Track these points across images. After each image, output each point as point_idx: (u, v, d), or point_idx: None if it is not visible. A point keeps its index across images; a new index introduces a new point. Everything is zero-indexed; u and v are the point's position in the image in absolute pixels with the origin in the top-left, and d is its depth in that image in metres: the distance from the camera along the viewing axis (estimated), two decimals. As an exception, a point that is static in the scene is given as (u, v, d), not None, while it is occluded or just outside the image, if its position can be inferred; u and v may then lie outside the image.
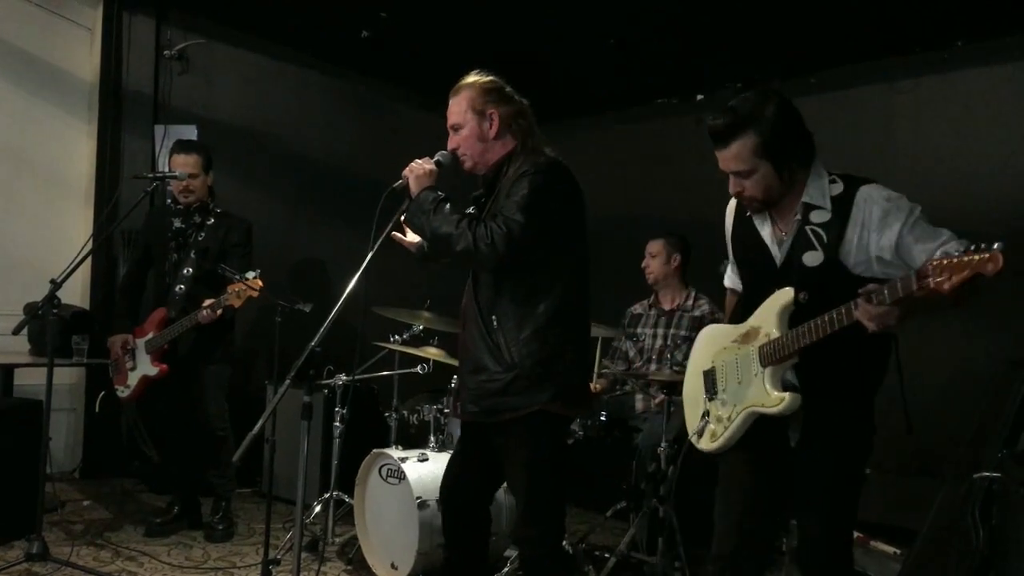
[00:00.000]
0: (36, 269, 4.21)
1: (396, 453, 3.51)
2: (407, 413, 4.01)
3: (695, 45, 4.65)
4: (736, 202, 2.30)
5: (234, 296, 3.54)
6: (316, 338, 2.28)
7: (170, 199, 4.09)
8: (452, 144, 2.56)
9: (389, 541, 3.50)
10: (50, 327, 3.41)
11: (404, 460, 3.45)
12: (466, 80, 2.56)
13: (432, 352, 3.90)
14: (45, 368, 3.39)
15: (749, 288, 2.32)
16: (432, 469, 3.43)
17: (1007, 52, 4.14)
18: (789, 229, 2.15)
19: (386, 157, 3.97)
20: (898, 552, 3.15)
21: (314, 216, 5.63)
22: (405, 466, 3.41)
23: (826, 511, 2.13)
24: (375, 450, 3.60)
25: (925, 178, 4.23)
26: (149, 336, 3.86)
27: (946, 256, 1.66)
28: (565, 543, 3.41)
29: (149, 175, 4.03)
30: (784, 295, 2.11)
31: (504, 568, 3.37)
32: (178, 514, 4.03)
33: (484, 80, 2.54)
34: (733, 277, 2.47)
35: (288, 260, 5.36)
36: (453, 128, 2.55)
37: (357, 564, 3.66)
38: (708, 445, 2.28)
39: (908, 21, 4.10)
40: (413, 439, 4.02)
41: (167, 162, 4.06)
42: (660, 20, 4.40)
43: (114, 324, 4.11)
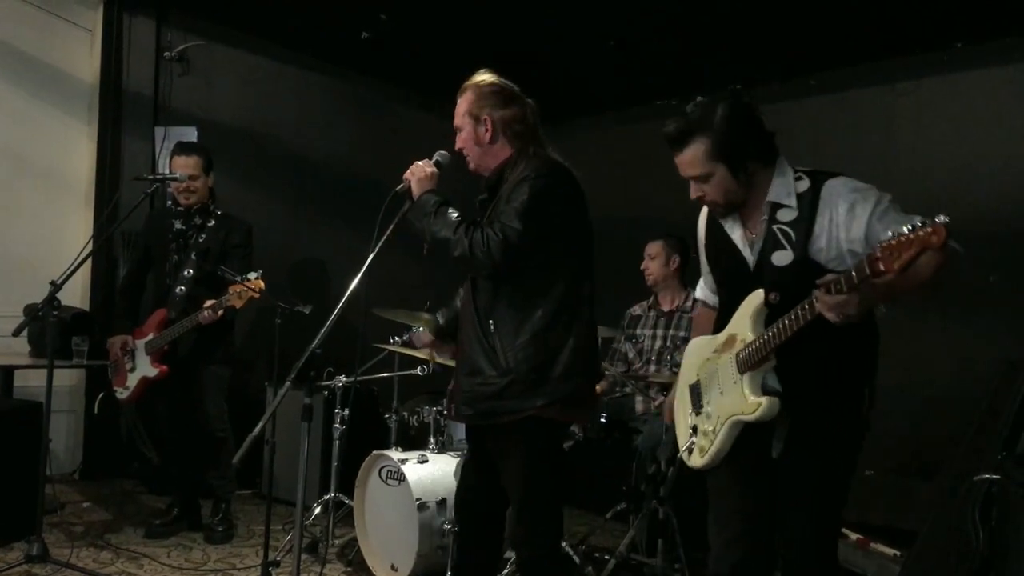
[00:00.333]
0: (36, 270, 4.21)
1: (396, 455, 3.51)
2: (407, 415, 4.01)
3: (695, 45, 4.64)
4: (707, 210, 2.28)
5: (235, 297, 3.54)
6: (317, 340, 2.27)
7: (170, 201, 4.09)
8: (456, 144, 2.57)
9: (389, 543, 3.50)
10: (50, 328, 3.41)
11: (404, 462, 3.45)
12: (470, 80, 2.56)
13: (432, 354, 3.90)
14: (45, 369, 3.40)
15: (726, 295, 2.26)
16: (432, 471, 3.43)
17: (1008, 53, 4.13)
18: (758, 230, 2.12)
19: (386, 158, 3.98)
20: (898, 554, 3.15)
21: (314, 217, 5.63)
22: (405, 468, 3.41)
23: (814, 513, 2.08)
24: (375, 452, 3.60)
25: (926, 179, 4.22)
26: (149, 337, 3.86)
27: (895, 236, 1.64)
28: (565, 544, 3.41)
29: (149, 177, 4.04)
30: (755, 298, 2.08)
31: (504, 570, 3.37)
32: (178, 515, 4.03)
33: (485, 83, 2.53)
34: (705, 289, 2.43)
35: (288, 261, 5.36)
36: (456, 128, 2.56)
37: (357, 566, 3.65)
38: (697, 461, 2.21)
39: (909, 22, 4.09)
40: (413, 441, 4.02)
41: (168, 164, 4.06)
42: (660, 20, 4.39)
43: (114, 325, 4.11)
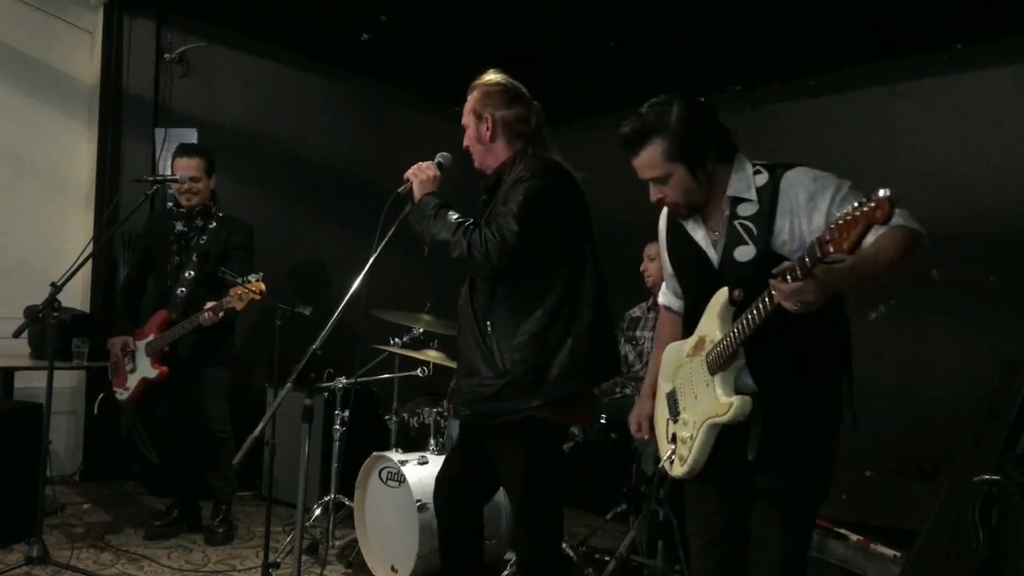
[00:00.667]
0: (36, 272, 4.21)
1: (396, 456, 3.52)
2: (407, 416, 4.01)
3: (695, 45, 4.65)
4: (667, 212, 2.24)
5: (236, 299, 3.55)
6: (317, 341, 2.27)
7: (171, 202, 4.09)
8: (464, 142, 2.60)
9: (389, 544, 3.50)
10: (50, 330, 3.41)
11: (404, 463, 3.45)
12: (478, 80, 2.58)
13: (432, 355, 3.90)
14: (45, 371, 3.40)
15: (692, 299, 2.19)
16: (432, 472, 3.41)
17: (1007, 54, 4.13)
18: (720, 228, 2.07)
19: (386, 159, 3.98)
20: (898, 555, 3.14)
21: (314, 218, 5.64)
22: (405, 469, 3.42)
23: (786, 515, 2.01)
24: (375, 453, 3.60)
25: (925, 180, 4.22)
26: (150, 338, 3.86)
27: (842, 216, 1.62)
28: (565, 545, 3.41)
29: (149, 178, 4.03)
30: (720, 296, 2.03)
31: (503, 571, 3.37)
32: (178, 517, 4.03)
33: (491, 82, 2.55)
34: (669, 294, 2.39)
35: (288, 262, 5.36)
36: (464, 126, 2.59)
37: (357, 567, 3.65)
38: (678, 471, 2.12)
39: (908, 23, 4.09)
40: (413, 442, 4.03)
41: (169, 165, 4.06)
42: (660, 20, 4.40)
43: (114, 326, 4.11)
